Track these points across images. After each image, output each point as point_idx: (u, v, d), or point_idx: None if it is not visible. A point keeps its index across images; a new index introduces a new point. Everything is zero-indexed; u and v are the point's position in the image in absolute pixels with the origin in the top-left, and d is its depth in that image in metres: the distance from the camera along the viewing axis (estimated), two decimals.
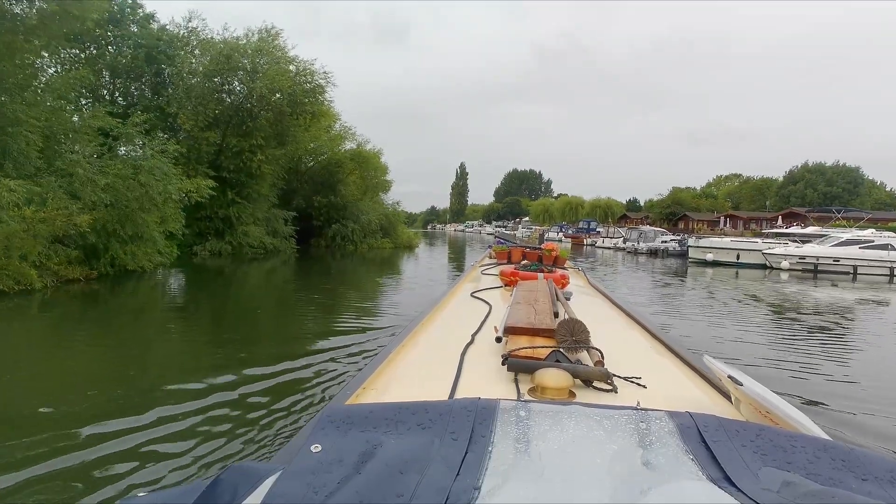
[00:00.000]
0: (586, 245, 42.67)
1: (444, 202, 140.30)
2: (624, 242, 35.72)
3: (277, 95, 19.64)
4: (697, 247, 24.39)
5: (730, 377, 1.18)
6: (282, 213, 22.13)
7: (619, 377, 1.44)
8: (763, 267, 21.87)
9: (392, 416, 0.88)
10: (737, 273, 20.25)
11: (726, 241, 24.87)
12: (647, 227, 38.92)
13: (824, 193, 48.65)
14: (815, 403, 4.49)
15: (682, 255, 28.68)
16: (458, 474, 0.73)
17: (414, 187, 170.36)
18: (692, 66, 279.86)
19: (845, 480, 0.74)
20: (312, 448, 0.76)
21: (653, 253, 30.55)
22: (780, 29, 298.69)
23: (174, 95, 18.06)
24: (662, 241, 31.53)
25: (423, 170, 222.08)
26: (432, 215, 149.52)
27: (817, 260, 20.62)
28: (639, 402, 1.01)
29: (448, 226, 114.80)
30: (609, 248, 37.61)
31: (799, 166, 52.70)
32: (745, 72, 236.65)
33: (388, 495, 0.66)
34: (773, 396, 1.10)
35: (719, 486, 0.72)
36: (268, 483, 0.68)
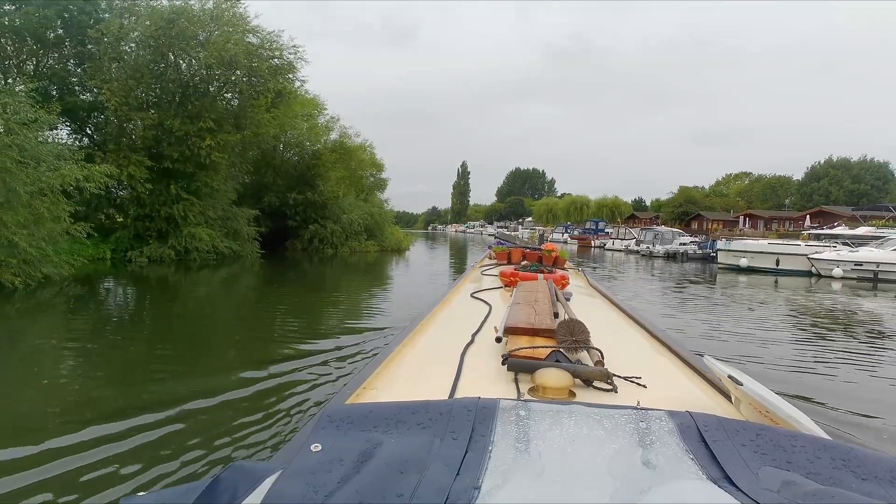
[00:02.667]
0: (594, 247, 39.85)
1: (448, 202, 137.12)
2: (637, 245, 32.59)
3: (237, 72, 16.57)
4: (729, 250, 21.15)
5: (730, 377, 1.18)
6: (243, 211, 18.86)
7: (619, 377, 1.42)
8: (808, 274, 18.78)
9: (392, 416, 0.87)
10: (776, 281, 17.20)
11: (763, 245, 21.54)
12: (662, 228, 35.65)
13: (850, 191, 45.21)
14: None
15: (704, 258, 25.89)
16: (458, 474, 0.72)
17: (420, 187, 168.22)
18: (701, 66, 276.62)
19: (845, 480, 0.73)
20: (312, 447, 0.76)
21: (670, 256, 27.65)
22: (792, 28, 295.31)
23: (97, 66, 14.84)
24: (681, 244, 28.44)
25: (428, 169, 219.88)
26: (433, 215, 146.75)
27: (877, 266, 17.36)
28: (639, 402, 0.99)
29: (450, 227, 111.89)
30: (620, 251, 34.61)
31: (822, 161, 49.04)
32: (752, 71, 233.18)
33: (388, 495, 0.66)
34: (773, 396, 1.09)
35: (719, 486, 0.71)
36: (268, 482, 0.68)
